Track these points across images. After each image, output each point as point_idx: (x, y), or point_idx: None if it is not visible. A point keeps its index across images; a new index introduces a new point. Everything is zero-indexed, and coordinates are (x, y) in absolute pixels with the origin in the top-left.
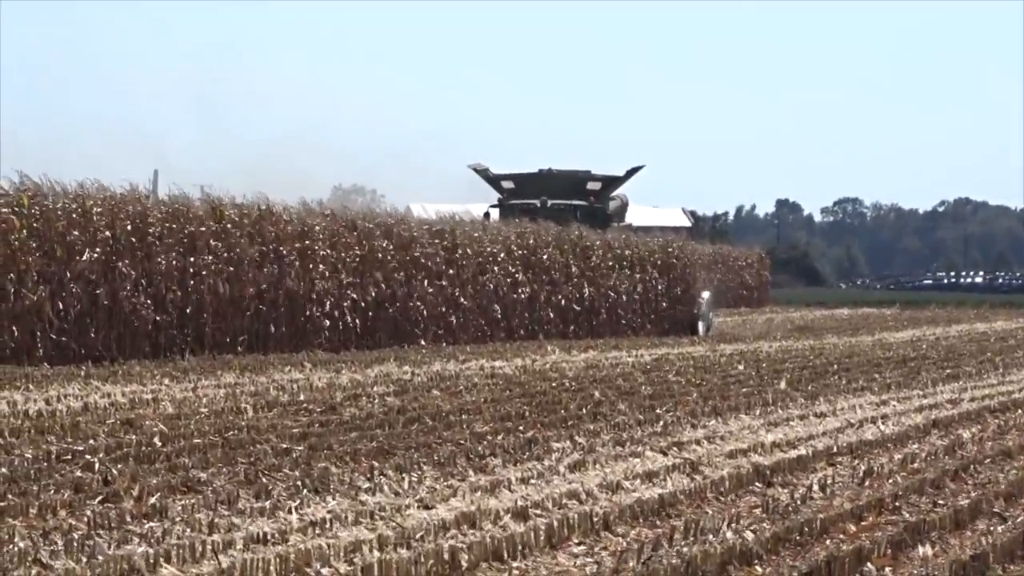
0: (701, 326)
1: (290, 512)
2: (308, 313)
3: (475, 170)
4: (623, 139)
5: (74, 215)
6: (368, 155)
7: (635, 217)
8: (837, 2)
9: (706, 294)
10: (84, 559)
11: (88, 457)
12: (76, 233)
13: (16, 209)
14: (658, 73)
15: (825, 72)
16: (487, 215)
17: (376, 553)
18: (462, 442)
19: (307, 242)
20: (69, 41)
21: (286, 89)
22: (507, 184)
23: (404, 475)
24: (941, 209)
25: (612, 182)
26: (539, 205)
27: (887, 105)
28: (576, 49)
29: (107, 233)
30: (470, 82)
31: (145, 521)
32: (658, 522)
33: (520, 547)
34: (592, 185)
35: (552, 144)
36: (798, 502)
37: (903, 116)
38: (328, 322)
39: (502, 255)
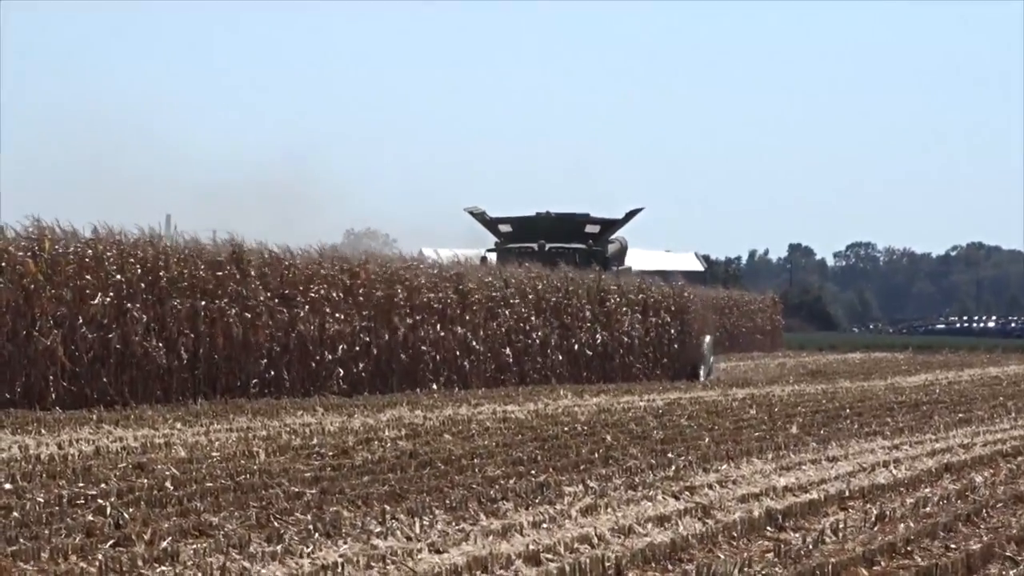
0: (702, 371)
1: (302, 556)
2: (320, 357)
3: (471, 213)
4: (635, 184)
5: (86, 259)
6: (379, 199)
7: (647, 261)
8: (851, 46)
9: (707, 338)
10: None
11: (100, 501)
12: (88, 277)
13: (37, 252)
14: (670, 117)
15: (837, 117)
16: (484, 259)
17: None
18: (474, 486)
19: (320, 286)
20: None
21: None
22: (504, 227)
23: (416, 519)
24: (954, 253)
25: (611, 225)
26: (536, 248)
27: (900, 150)
28: (588, 93)
29: (119, 277)
30: (475, 124)
31: (157, 565)
32: (670, 566)
33: None
34: (591, 228)
35: (559, 188)
36: (810, 546)
37: (916, 161)
38: (341, 368)
39: (515, 299)
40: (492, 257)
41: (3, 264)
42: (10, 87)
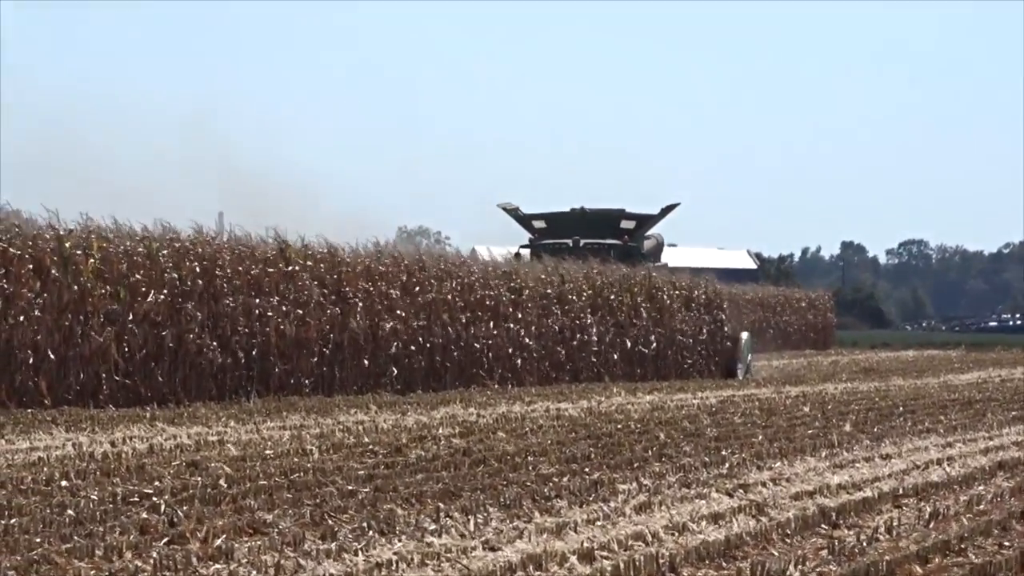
0: (740, 369)
1: (356, 554)
2: (374, 355)
3: (505, 209)
4: (686, 181)
5: (137, 257)
6: (431, 196)
7: (700, 258)
8: (902, 43)
9: (745, 335)
10: None
11: (154, 499)
12: (140, 275)
13: (86, 252)
14: (722, 113)
15: (890, 114)
16: (518, 255)
17: None
18: (528, 483)
19: (373, 284)
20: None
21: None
22: (538, 223)
23: (470, 516)
24: (1007, 251)
25: (646, 220)
26: (571, 244)
27: (952, 147)
28: (638, 91)
29: (173, 275)
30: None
31: (211, 563)
32: (724, 563)
33: None
34: (626, 224)
35: (606, 185)
36: (864, 544)
37: (968, 158)
38: (395, 366)
39: (570, 296)
40: (526, 253)
41: (64, 261)
42: None
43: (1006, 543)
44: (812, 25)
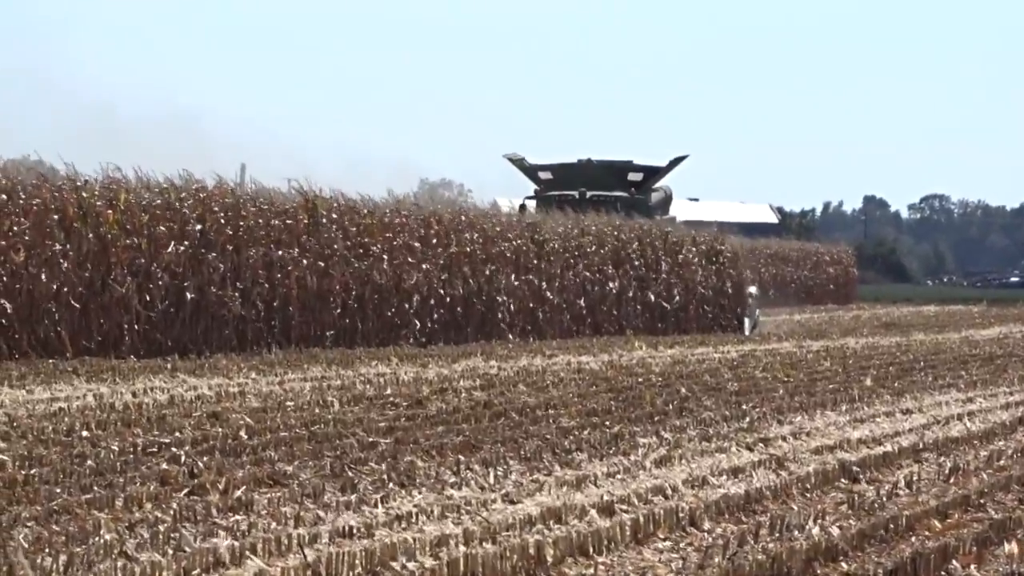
0: (747, 323)
1: (376, 506)
2: (396, 307)
3: (511, 160)
4: (709, 134)
5: (158, 209)
6: (449, 149)
7: (721, 213)
8: None
9: (753, 289)
10: (170, 552)
11: (174, 450)
12: (163, 228)
13: (114, 203)
14: (746, 67)
15: (911, 69)
16: (523, 207)
17: (462, 547)
18: (548, 437)
19: (396, 236)
20: None
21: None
22: (544, 175)
23: (490, 469)
24: None
25: (654, 173)
26: (577, 197)
27: (974, 101)
28: (661, 48)
29: (197, 226)
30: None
31: (231, 514)
32: (744, 518)
33: (606, 542)
34: (633, 176)
35: (628, 138)
36: (884, 499)
37: (990, 112)
38: (416, 319)
39: (591, 248)
40: (531, 205)
41: (84, 212)
42: None
43: None
44: None
